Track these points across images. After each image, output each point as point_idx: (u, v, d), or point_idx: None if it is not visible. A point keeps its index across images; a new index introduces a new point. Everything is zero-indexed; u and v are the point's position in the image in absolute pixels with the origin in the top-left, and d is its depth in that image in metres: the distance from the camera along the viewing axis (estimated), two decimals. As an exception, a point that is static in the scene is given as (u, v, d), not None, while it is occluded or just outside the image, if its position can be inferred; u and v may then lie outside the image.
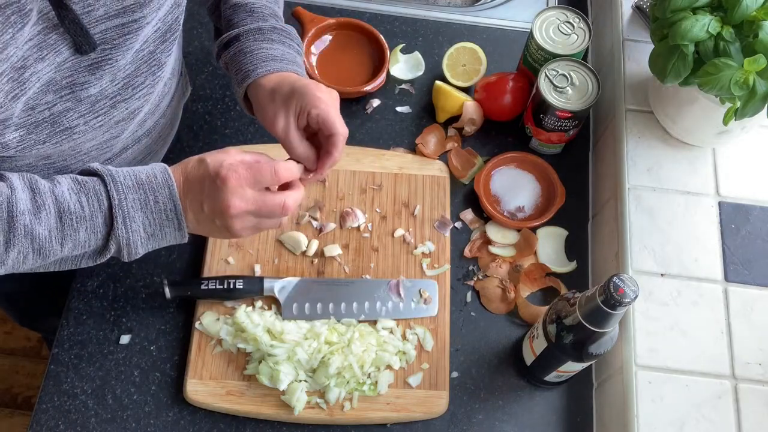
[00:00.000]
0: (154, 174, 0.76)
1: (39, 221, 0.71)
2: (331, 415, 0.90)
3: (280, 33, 0.90)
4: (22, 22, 0.64)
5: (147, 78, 0.81)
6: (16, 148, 0.73)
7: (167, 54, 0.82)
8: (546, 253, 1.04)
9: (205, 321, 0.94)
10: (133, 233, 0.75)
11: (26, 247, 0.71)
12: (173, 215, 0.76)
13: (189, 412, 0.91)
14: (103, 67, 0.74)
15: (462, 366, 0.97)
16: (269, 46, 0.88)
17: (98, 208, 0.73)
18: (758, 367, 0.87)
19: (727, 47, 0.84)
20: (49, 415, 0.90)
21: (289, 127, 0.83)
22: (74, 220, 0.73)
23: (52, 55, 0.69)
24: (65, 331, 0.95)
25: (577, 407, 0.96)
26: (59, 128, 0.75)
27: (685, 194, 0.98)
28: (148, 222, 0.76)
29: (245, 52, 0.87)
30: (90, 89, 0.74)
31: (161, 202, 0.75)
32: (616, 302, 0.72)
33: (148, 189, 0.75)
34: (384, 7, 1.24)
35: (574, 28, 1.07)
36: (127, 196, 0.74)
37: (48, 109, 0.73)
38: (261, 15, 0.90)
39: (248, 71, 0.86)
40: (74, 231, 0.73)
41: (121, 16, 0.72)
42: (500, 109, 1.11)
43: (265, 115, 0.85)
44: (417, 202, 1.05)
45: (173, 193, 0.75)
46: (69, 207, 0.72)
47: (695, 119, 0.97)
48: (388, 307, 0.97)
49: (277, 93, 0.83)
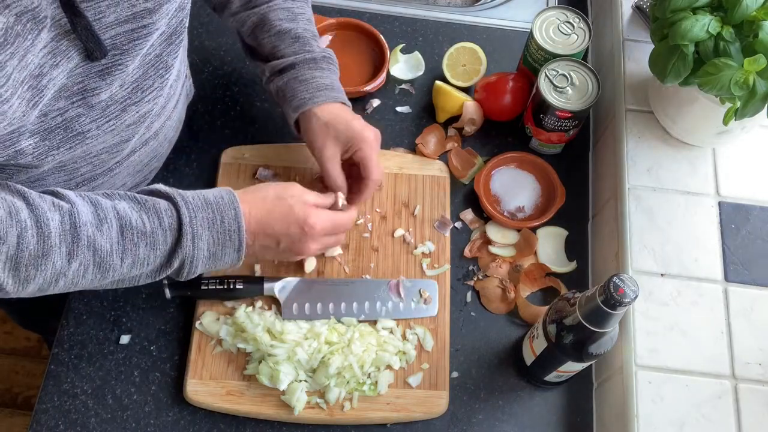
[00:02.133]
0: (220, 195, 0.80)
1: (101, 233, 0.73)
2: (331, 415, 0.90)
3: (328, 61, 0.97)
4: (37, 28, 0.64)
5: (155, 81, 0.83)
6: (32, 155, 0.74)
7: (174, 56, 0.84)
8: (546, 253, 1.04)
9: (205, 321, 0.94)
10: (199, 251, 0.78)
11: (88, 258, 0.72)
12: (236, 236, 0.80)
13: (189, 412, 0.91)
14: (113, 72, 0.75)
15: (462, 366, 0.97)
16: (321, 75, 0.95)
17: (158, 225, 0.76)
18: (758, 367, 0.87)
19: (727, 47, 0.84)
20: (49, 415, 0.90)
21: (335, 159, 0.93)
22: (135, 235, 0.75)
23: (65, 61, 0.69)
24: (65, 331, 0.95)
25: (577, 407, 0.96)
26: (72, 133, 0.76)
27: (685, 194, 0.98)
28: (213, 241, 0.79)
29: (300, 80, 0.94)
30: (101, 95, 0.76)
31: (227, 222, 0.79)
32: (616, 302, 0.72)
33: (215, 209, 0.79)
34: (384, 7, 1.24)
35: (574, 28, 1.07)
36: (197, 215, 0.77)
37: (60, 115, 0.73)
38: (306, 41, 0.97)
39: (304, 99, 0.93)
40: (135, 246, 0.75)
41: (130, 22, 0.73)
42: (500, 109, 1.11)
43: (315, 141, 0.93)
44: (417, 202, 1.05)
45: (239, 214, 0.80)
46: (131, 222, 0.74)
47: (695, 119, 0.97)
48: (388, 307, 0.97)
49: (331, 126, 0.92)
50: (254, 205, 0.83)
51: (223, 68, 1.16)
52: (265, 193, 0.85)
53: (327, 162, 0.93)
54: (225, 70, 1.16)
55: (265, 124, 1.11)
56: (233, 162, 1.06)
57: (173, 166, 1.05)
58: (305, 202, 0.86)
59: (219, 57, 1.17)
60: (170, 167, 1.05)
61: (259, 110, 1.12)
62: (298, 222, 0.84)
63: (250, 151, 1.07)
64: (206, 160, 1.07)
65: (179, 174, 1.05)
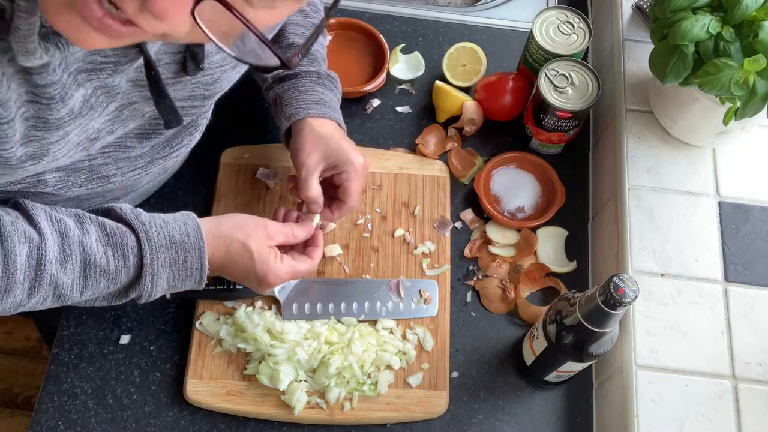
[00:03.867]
0: (187, 233, 0.80)
1: (65, 271, 0.73)
2: (331, 415, 0.90)
3: (332, 81, 0.98)
4: (108, 101, 0.67)
5: (184, 139, 0.86)
6: (54, 187, 0.75)
7: (204, 117, 0.87)
8: (546, 253, 1.04)
9: (205, 321, 0.94)
10: (157, 287, 0.79)
11: (48, 292, 0.73)
12: (198, 273, 0.80)
13: (189, 412, 0.91)
14: (151, 137, 0.78)
15: (462, 366, 0.97)
16: (322, 91, 0.95)
17: (123, 263, 0.76)
18: (758, 367, 0.87)
19: (727, 47, 0.84)
20: (49, 415, 0.90)
21: (316, 171, 0.90)
22: (97, 272, 0.75)
23: (120, 128, 0.73)
24: (65, 331, 0.95)
25: (577, 407, 0.96)
26: (96, 176, 0.78)
27: (685, 194, 0.98)
28: (173, 277, 0.79)
29: (300, 91, 0.94)
30: (132, 152, 0.78)
31: (189, 261, 0.79)
32: (616, 302, 0.72)
33: (179, 248, 0.79)
34: (384, 7, 1.24)
35: (574, 28, 1.07)
36: (158, 255, 0.77)
37: (89, 161, 0.76)
38: (315, 58, 0.98)
39: (300, 108, 0.92)
40: (95, 282, 0.76)
41: (185, 101, 0.76)
42: (500, 109, 1.11)
43: (302, 149, 0.90)
44: (417, 202, 1.05)
45: (203, 254, 0.80)
46: (95, 260, 0.75)
47: (695, 119, 0.97)
48: (388, 307, 0.97)
49: (323, 141, 0.90)
50: (218, 249, 0.82)
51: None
52: (231, 239, 0.82)
53: (308, 172, 0.90)
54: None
55: (265, 124, 1.11)
56: (233, 162, 1.06)
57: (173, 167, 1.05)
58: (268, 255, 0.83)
59: (219, 57, 1.17)
60: (170, 167, 1.05)
61: (259, 110, 1.12)
62: (257, 277, 0.84)
63: (250, 151, 1.07)
64: (206, 160, 1.07)
65: (179, 174, 1.05)
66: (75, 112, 0.64)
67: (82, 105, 0.64)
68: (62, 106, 0.62)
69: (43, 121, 0.63)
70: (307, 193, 0.90)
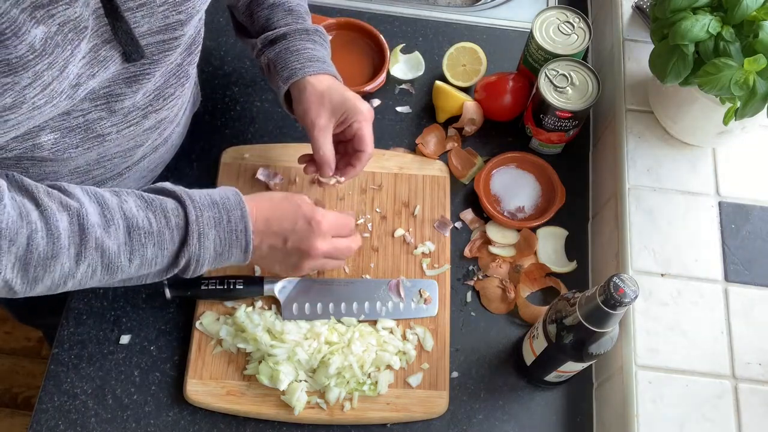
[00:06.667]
0: (226, 195, 0.80)
1: (108, 235, 0.72)
2: (331, 415, 0.90)
3: (321, 36, 0.96)
4: (78, 39, 0.65)
5: (176, 89, 0.84)
6: (50, 150, 0.74)
7: (192, 65, 0.86)
8: (546, 253, 1.04)
9: (205, 321, 0.94)
10: (205, 250, 0.78)
11: (96, 260, 0.72)
12: (243, 236, 0.79)
13: (189, 412, 0.91)
14: (140, 81, 0.76)
15: (462, 366, 0.97)
16: (313, 47, 0.93)
17: (165, 224, 0.75)
18: (758, 367, 0.87)
19: (727, 47, 0.84)
20: (49, 415, 0.90)
21: (327, 130, 0.90)
22: (142, 235, 0.74)
23: (102, 71, 0.70)
24: (65, 330, 0.95)
25: (577, 407, 0.96)
26: (92, 134, 0.77)
27: (685, 194, 0.98)
28: (219, 240, 0.78)
29: (292, 51, 0.92)
30: (124, 101, 0.76)
31: (233, 221, 0.79)
32: (616, 302, 0.72)
33: (222, 208, 0.78)
34: (384, 7, 1.24)
35: (574, 28, 1.07)
36: (203, 213, 0.77)
37: (83, 116, 0.74)
38: (299, 14, 0.96)
39: (296, 69, 0.91)
40: (142, 246, 0.74)
41: (162, 33, 0.74)
42: (500, 109, 1.11)
43: (308, 111, 0.90)
44: (417, 202, 1.05)
45: (245, 214, 0.79)
46: (138, 222, 0.74)
47: (695, 119, 0.97)
48: (388, 307, 0.97)
49: (326, 96, 0.90)
50: (261, 204, 0.82)
51: (223, 68, 1.16)
52: (272, 195, 0.85)
53: (319, 132, 0.90)
54: (225, 70, 1.16)
55: (265, 124, 1.11)
56: (233, 162, 1.06)
57: (174, 167, 1.05)
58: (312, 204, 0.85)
59: (219, 57, 1.17)
60: (171, 167, 1.04)
61: (259, 110, 1.12)
62: (305, 217, 0.83)
63: (250, 151, 1.07)
64: (206, 160, 1.07)
65: (180, 174, 1.05)
66: (37, 49, 0.61)
67: (45, 42, 0.61)
68: (18, 41, 0.59)
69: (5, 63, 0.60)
70: (321, 153, 0.90)
